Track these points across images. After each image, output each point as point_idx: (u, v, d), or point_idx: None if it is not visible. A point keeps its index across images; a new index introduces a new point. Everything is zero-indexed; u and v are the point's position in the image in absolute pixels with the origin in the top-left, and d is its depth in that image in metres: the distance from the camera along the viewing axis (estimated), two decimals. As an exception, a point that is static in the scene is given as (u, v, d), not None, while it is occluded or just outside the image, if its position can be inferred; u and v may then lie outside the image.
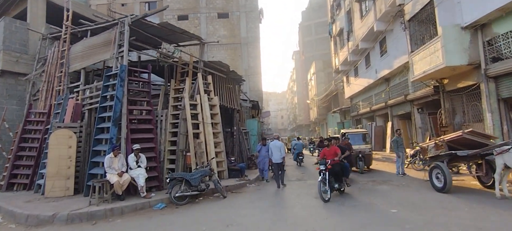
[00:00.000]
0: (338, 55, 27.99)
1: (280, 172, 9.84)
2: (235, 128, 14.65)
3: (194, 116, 10.96)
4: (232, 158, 12.59)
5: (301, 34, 60.16)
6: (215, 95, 11.83)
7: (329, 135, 24.20)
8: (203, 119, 10.98)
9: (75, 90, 10.19)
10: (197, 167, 9.75)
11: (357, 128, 26.85)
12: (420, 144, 10.02)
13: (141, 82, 10.20)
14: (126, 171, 7.75)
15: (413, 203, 6.84)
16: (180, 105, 10.87)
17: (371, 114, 23.83)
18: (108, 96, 8.68)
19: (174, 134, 10.89)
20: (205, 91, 11.46)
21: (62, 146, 8.76)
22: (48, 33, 12.05)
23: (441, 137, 8.44)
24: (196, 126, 11.05)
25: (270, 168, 11.53)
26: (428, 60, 12.45)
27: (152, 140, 8.99)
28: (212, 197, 8.43)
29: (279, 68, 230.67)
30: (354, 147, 12.12)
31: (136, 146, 7.91)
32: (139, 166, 7.89)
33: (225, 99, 13.47)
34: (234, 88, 15.10)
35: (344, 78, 29.37)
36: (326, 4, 34.25)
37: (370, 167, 13.32)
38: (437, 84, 13.89)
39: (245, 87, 26.25)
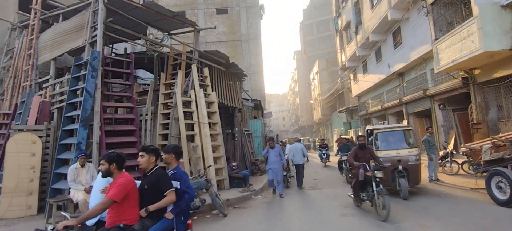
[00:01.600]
0: (344, 50, 26.28)
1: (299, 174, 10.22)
2: (236, 129, 12.94)
3: (188, 115, 9.27)
4: (234, 164, 10.87)
5: (303, 33, 58.54)
6: (213, 91, 10.12)
7: (341, 136, 22.39)
8: (198, 118, 9.28)
9: (44, 86, 8.50)
10: (192, 176, 8.03)
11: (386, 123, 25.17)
12: (467, 144, 8.16)
13: (123, 75, 8.47)
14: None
15: (483, 226, 5.07)
16: (171, 102, 9.17)
17: (383, 112, 22.09)
18: (78, 91, 6.97)
19: (165, 137, 9.20)
20: (201, 86, 9.77)
21: (23, 154, 7.05)
22: (18, 22, 10.37)
23: (501, 136, 6.67)
24: (190, 127, 9.35)
25: (286, 177, 10.27)
26: (458, 47, 10.73)
27: (134, 144, 7.27)
28: (210, 215, 6.71)
29: (280, 70, 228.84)
30: (386, 153, 7.92)
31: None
32: (114, 178, 6.16)
33: (225, 96, 11.77)
34: (235, 85, 13.40)
35: (351, 76, 27.64)
36: (328, 0, 32.62)
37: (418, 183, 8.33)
38: (466, 75, 12.17)
39: (247, 86, 24.59)
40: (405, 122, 18.27)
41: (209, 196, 6.67)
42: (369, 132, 9.21)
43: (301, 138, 30.49)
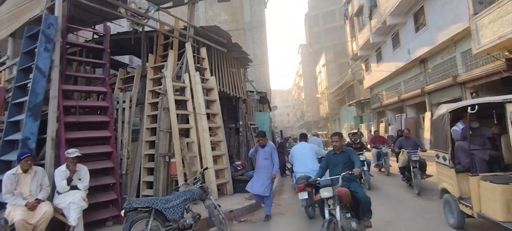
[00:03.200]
0: (356, 38, 24.38)
1: None
2: (240, 122, 11.20)
3: (182, 105, 7.55)
4: (238, 163, 9.15)
5: (308, 25, 56.50)
6: (212, 75, 8.37)
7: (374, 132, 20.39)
8: (194, 108, 7.55)
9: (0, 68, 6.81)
10: (186, 181, 6.33)
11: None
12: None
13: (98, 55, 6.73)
14: (51, 199, 4.35)
15: None
16: (161, 89, 7.44)
17: (400, 104, 20.21)
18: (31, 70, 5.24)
19: (154, 132, 7.49)
20: (198, 70, 8.02)
21: (-37, 154, 5.36)
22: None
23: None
24: (185, 119, 7.64)
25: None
26: (508, 20, 8.87)
27: (107, 140, 5.55)
28: (206, 235, 5.01)
29: (284, 65, 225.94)
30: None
31: (72, 152, 4.47)
32: (74, 187, 4.46)
33: (227, 84, 10.03)
34: (238, 72, 11.65)
35: (363, 66, 25.74)
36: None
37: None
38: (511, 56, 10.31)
39: (251, 77, 22.86)
40: (427, 114, 16.44)
41: (206, 208, 4.95)
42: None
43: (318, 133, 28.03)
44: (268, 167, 5.92)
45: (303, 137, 6.97)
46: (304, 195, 4.81)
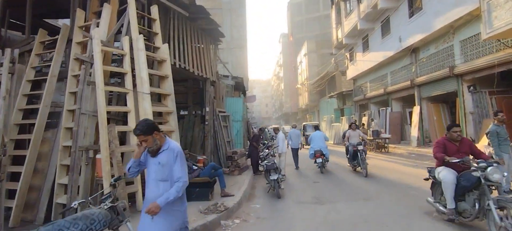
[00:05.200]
0: (342, 25, 22.78)
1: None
2: (207, 108, 9.20)
3: (119, 80, 5.47)
4: (200, 159, 7.18)
5: (290, 13, 54.58)
6: (164, 44, 6.28)
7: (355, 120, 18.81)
8: (135, 85, 5.48)
9: None
10: (110, 191, 4.28)
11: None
12: None
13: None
14: None
15: None
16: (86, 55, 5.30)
17: (385, 97, 18.86)
18: None
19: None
20: (145, 35, 5.93)
21: None
22: None
23: None
24: (123, 99, 5.57)
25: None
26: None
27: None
28: None
29: (264, 54, 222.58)
30: None
31: None
32: None
33: (190, 61, 7.99)
34: (207, 48, 9.59)
35: (347, 55, 24.26)
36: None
37: None
38: (524, 44, 8.92)
39: (226, 59, 20.75)
40: (416, 109, 15.13)
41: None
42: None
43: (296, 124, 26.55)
44: (173, 206, 2.79)
45: (317, 128, 11.98)
46: (319, 160, 9.49)
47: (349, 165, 9.70)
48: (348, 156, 9.68)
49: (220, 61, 14.58)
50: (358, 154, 8.82)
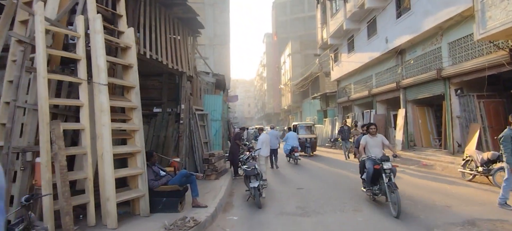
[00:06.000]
0: (327, 25, 22.33)
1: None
2: (182, 106, 8.32)
3: (69, 67, 4.55)
4: (173, 161, 6.32)
5: (275, 12, 54.06)
6: (130, 27, 5.38)
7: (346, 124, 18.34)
8: (90, 75, 4.57)
9: None
10: (21, 215, 3.39)
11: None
12: None
13: None
14: None
15: None
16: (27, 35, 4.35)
17: (369, 99, 18.51)
18: None
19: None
20: (103, 13, 5.02)
21: None
22: None
23: None
24: (75, 91, 4.65)
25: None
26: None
27: None
28: None
29: (247, 53, 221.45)
30: None
31: None
32: None
33: (164, 52, 7.11)
34: (184, 40, 8.72)
35: (332, 56, 23.87)
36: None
37: None
38: (516, 46, 8.59)
39: (209, 59, 19.83)
40: (401, 111, 14.81)
41: None
42: None
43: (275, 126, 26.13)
44: None
45: (295, 129, 11.39)
46: (296, 155, 12.04)
47: (364, 189, 6.23)
48: (362, 177, 6.26)
49: (199, 56, 13.70)
50: (383, 175, 5.35)
